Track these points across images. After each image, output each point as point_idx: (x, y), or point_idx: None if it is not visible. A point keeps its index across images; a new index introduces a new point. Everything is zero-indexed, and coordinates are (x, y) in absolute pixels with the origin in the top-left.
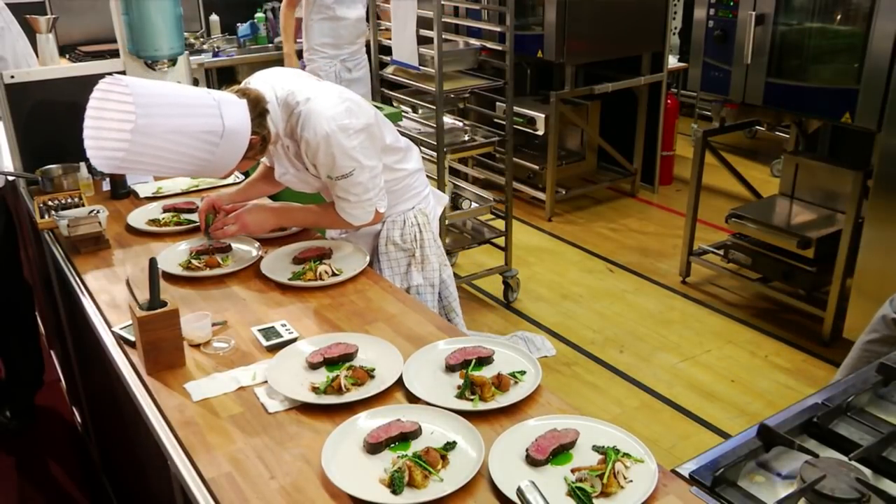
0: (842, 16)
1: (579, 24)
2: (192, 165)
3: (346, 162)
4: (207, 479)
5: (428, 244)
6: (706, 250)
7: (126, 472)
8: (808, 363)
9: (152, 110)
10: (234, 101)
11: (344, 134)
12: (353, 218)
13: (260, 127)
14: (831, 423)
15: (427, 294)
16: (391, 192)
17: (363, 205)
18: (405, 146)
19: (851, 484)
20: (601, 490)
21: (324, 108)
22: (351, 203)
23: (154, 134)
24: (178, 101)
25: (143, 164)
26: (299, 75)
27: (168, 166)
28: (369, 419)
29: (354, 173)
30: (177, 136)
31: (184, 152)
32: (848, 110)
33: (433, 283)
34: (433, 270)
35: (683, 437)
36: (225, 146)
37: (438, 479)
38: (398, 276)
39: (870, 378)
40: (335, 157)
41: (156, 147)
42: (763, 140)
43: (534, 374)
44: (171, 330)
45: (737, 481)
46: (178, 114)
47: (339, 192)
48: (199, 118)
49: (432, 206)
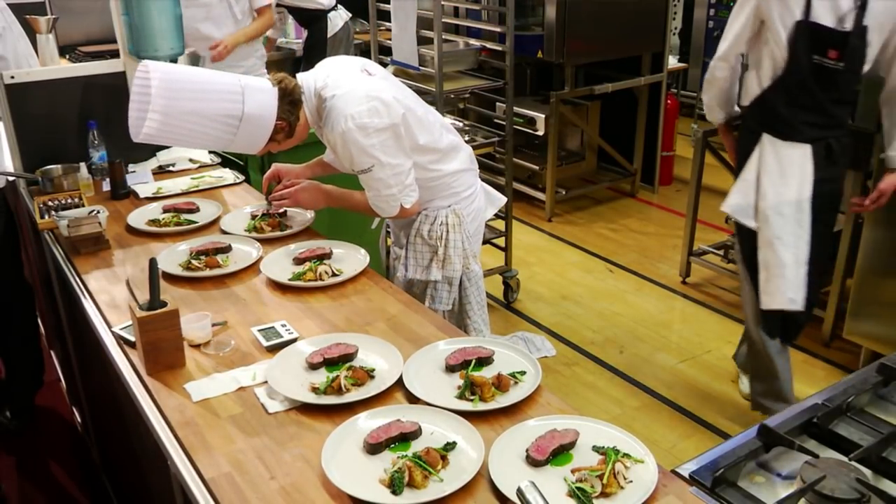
0: None
1: (579, 25)
2: (216, 143)
3: (364, 158)
4: (207, 480)
5: (453, 244)
6: (706, 250)
7: (126, 472)
8: (808, 363)
9: (172, 94)
10: (263, 89)
11: (362, 132)
12: (379, 210)
13: (289, 114)
14: (831, 424)
15: (443, 292)
16: (425, 188)
17: (385, 199)
18: (448, 147)
19: (851, 484)
20: (601, 490)
21: (346, 105)
22: (373, 196)
23: (173, 115)
24: (200, 87)
25: (171, 138)
26: (351, 68)
27: (194, 141)
28: (369, 419)
29: (373, 169)
30: (195, 117)
31: (205, 132)
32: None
33: (451, 283)
34: (454, 270)
35: (683, 437)
36: (245, 129)
37: (438, 480)
38: (420, 267)
39: (870, 378)
40: (352, 153)
41: (178, 126)
42: None
43: (534, 374)
44: (171, 330)
45: (737, 482)
46: (198, 98)
47: (363, 185)
48: (218, 103)
49: (475, 208)
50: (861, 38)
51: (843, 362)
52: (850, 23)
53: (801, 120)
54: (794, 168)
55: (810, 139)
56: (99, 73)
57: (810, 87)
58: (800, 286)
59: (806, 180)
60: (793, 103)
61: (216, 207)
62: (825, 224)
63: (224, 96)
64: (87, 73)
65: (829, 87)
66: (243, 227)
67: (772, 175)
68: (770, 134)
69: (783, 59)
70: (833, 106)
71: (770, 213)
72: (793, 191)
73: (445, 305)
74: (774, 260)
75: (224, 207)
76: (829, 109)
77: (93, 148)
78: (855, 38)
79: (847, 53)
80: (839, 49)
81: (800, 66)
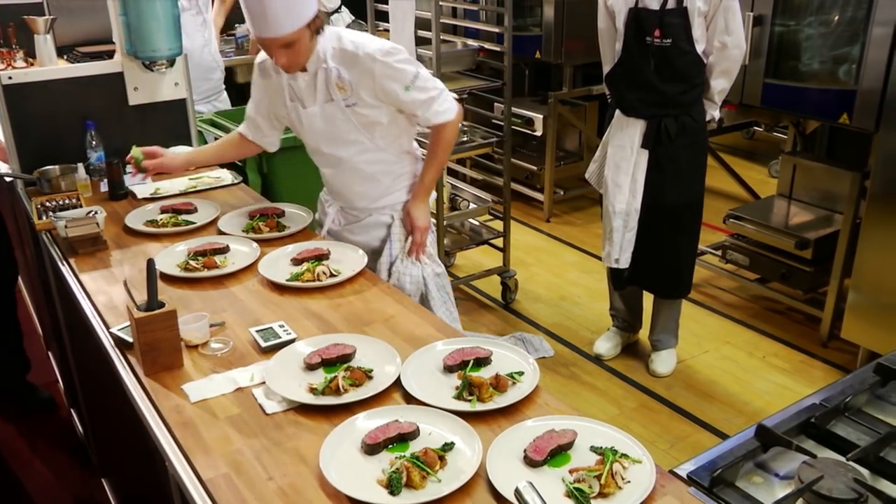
0: (839, 17)
1: (577, 25)
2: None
3: (409, 66)
4: (205, 480)
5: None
6: (704, 251)
7: (124, 473)
8: (806, 364)
9: None
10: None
11: (394, 51)
12: (449, 111)
13: (311, 38)
14: (829, 424)
15: (406, 282)
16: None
17: (445, 95)
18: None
19: (849, 484)
20: (599, 491)
21: (373, 41)
22: (438, 99)
23: None
24: None
25: None
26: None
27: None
28: (367, 420)
29: (420, 71)
30: None
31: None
32: (846, 111)
33: (412, 274)
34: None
35: (681, 437)
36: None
37: (436, 480)
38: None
39: (867, 378)
40: (395, 70)
41: None
42: (761, 141)
43: (531, 374)
44: (169, 331)
45: (735, 482)
46: None
47: (423, 97)
48: None
49: None
50: (680, 16)
51: (840, 362)
52: (672, 5)
53: (636, 97)
54: (632, 141)
55: (645, 116)
56: (97, 73)
57: (641, 66)
58: (626, 249)
59: (641, 155)
60: (630, 82)
61: (214, 208)
62: (666, 196)
63: None
64: (85, 74)
65: (661, 64)
66: (241, 227)
67: (614, 147)
68: (617, 109)
69: (621, 43)
70: (664, 84)
71: (609, 184)
72: (629, 164)
73: (414, 286)
74: (608, 226)
75: (222, 208)
76: (659, 87)
77: (90, 148)
78: (672, 16)
79: (667, 30)
80: (661, 27)
81: (632, 47)
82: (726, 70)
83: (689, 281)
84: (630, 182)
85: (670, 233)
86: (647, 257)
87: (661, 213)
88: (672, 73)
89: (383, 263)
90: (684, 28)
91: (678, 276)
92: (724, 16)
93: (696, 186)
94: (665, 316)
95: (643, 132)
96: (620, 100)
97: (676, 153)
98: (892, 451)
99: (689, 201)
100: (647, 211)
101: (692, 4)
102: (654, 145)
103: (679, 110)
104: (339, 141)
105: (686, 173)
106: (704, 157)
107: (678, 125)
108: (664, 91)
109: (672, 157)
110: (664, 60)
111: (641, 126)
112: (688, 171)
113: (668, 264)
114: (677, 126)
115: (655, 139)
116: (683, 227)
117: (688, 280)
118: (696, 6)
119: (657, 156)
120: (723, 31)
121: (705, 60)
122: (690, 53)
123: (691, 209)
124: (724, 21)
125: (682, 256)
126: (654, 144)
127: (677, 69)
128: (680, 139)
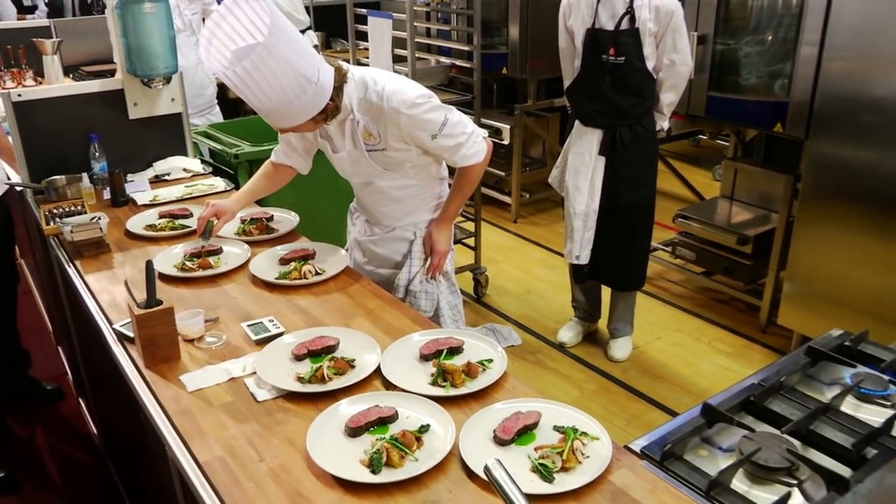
0: (773, 37)
1: (540, 44)
2: (280, 99)
3: (436, 114)
4: (202, 463)
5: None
6: (656, 248)
7: (128, 457)
8: (747, 347)
9: (280, 35)
10: (327, 64)
11: (424, 99)
12: (477, 154)
13: (336, 96)
14: (766, 401)
15: (421, 298)
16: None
17: (474, 138)
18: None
19: (783, 455)
20: (561, 466)
21: (405, 88)
22: (466, 143)
23: (274, 54)
24: (297, 39)
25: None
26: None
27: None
28: (350, 405)
29: (448, 117)
30: (285, 66)
31: (281, 84)
32: (779, 121)
33: (428, 291)
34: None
35: (636, 416)
36: (311, 96)
37: (414, 459)
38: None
39: (800, 360)
40: (424, 120)
41: (267, 68)
42: (705, 148)
43: (500, 362)
44: (167, 326)
45: (683, 455)
46: (294, 49)
47: (450, 144)
48: (305, 61)
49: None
50: (633, 36)
51: (777, 346)
52: (626, 26)
53: (594, 109)
54: (590, 148)
55: (602, 126)
56: (99, 90)
57: (598, 81)
58: (586, 246)
59: (598, 162)
60: (588, 95)
61: None
62: (622, 199)
63: (309, 58)
64: (88, 91)
65: (616, 80)
66: (233, 230)
67: (574, 154)
68: (577, 120)
69: (580, 60)
70: (618, 97)
71: (570, 188)
72: (588, 169)
73: (431, 304)
74: (570, 226)
75: None
76: (614, 100)
77: (94, 159)
78: (625, 36)
79: (621, 49)
80: (616, 46)
81: (589, 64)
82: (674, 85)
83: (642, 275)
84: (589, 186)
85: (625, 231)
86: (605, 254)
87: (617, 213)
88: (626, 88)
89: (402, 279)
90: (636, 47)
91: (633, 270)
92: (673, 36)
93: (648, 189)
94: (621, 307)
95: (600, 140)
96: (580, 111)
97: (630, 159)
98: (821, 424)
99: (642, 203)
100: (605, 212)
101: (644, 26)
102: (610, 152)
103: (632, 121)
104: (368, 175)
105: (639, 177)
106: (655, 162)
107: (632, 134)
108: (619, 103)
109: (626, 163)
110: (618, 76)
111: (599, 135)
112: (641, 176)
113: (624, 260)
114: (631, 135)
115: (611, 147)
116: (637, 227)
117: (642, 274)
118: (648, 27)
119: (613, 162)
120: (671, 49)
121: (655, 76)
122: (642, 70)
123: (644, 210)
124: (672, 41)
125: (636, 252)
126: (610, 152)
127: (630, 84)
128: (633, 147)
